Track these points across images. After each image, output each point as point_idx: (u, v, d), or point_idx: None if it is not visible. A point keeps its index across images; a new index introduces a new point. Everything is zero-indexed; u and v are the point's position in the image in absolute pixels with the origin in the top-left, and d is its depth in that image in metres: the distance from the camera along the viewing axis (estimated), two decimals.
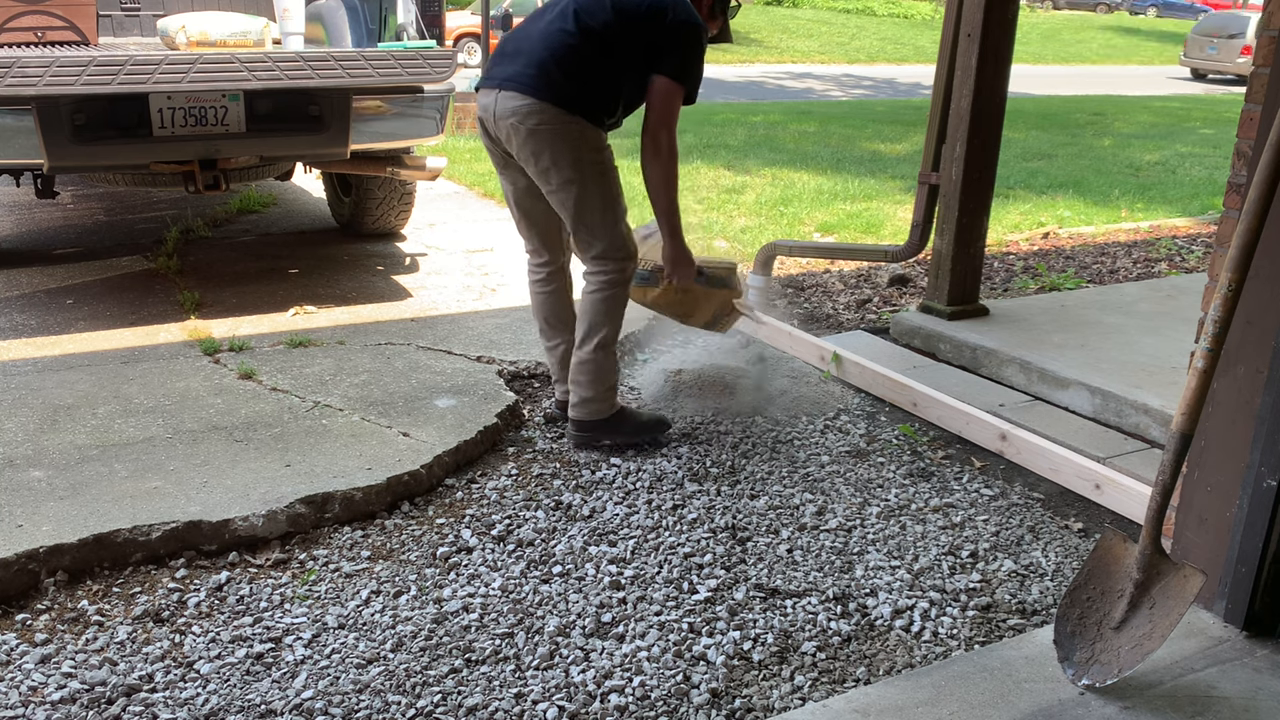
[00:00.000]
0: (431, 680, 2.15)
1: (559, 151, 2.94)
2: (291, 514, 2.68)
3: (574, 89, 2.91)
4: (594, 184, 2.99)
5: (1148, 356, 3.77)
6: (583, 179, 2.97)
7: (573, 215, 3.03)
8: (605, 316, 3.09)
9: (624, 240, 3.08)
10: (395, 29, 4.71)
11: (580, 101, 2.93)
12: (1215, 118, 13.76)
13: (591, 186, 2.99)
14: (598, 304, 3.08)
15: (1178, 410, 2.05)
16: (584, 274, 3.13)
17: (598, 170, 3.00)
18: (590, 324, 3.10)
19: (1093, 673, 2.07)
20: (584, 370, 3.12)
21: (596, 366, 3.11)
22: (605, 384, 3.14)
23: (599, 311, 3.09)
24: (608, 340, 3.11)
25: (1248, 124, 2.17)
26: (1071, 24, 34.62)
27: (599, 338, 3.09)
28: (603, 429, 3.17)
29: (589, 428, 3.17)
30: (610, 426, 3.18)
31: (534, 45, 2.96)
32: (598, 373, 3.11)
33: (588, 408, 3.15)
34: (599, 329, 3.09)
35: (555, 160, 2.95)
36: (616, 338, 3.15)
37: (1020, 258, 5.75)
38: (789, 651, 2.28)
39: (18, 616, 2.32)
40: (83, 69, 3.55)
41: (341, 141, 4.17)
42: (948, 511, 2.92)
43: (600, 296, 3.08)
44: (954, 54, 4.03)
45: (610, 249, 3.06)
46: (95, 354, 3.73)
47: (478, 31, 14.24)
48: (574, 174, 2.96)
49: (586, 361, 3.11)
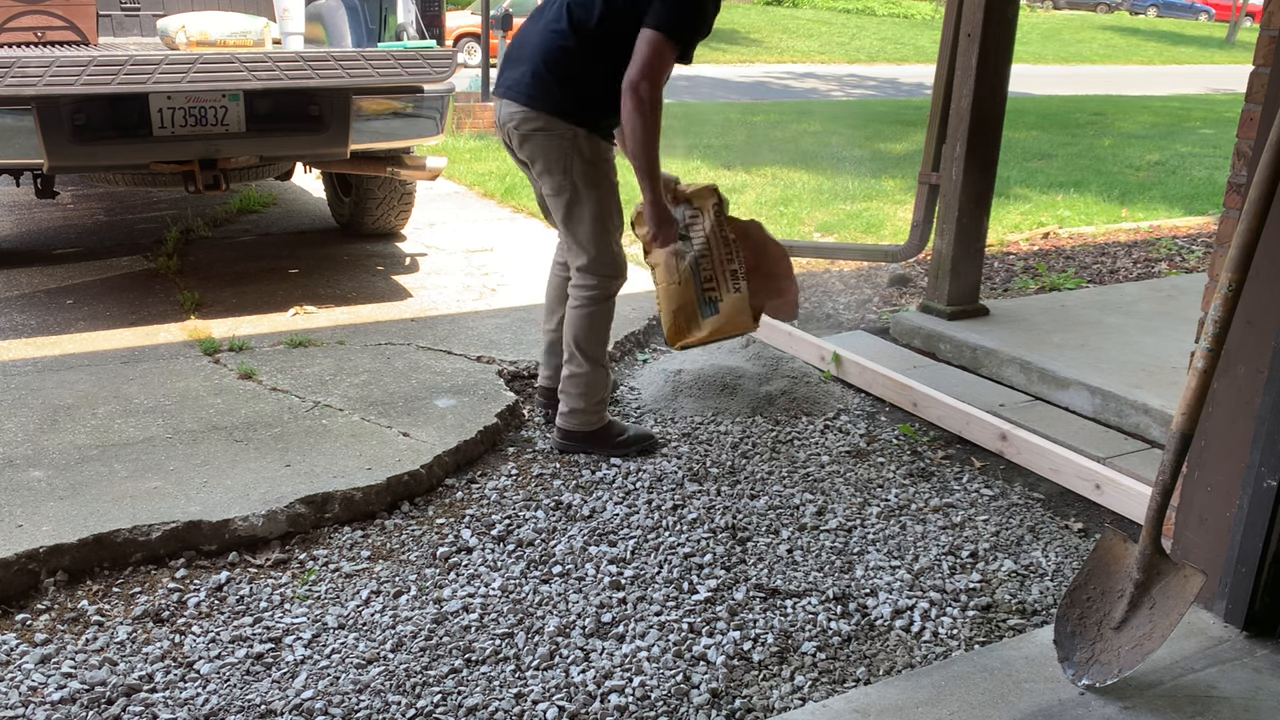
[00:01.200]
0: (431, 680, 2.15)
1: (551, 160, 2.93)
2: (291, 514, 2.68)
3: (567, 95, 2.88)
4: (585, 195, 2.96)
5: (1148, 356, 3.77)
6: (573, 189, 2.95)
7: (561, 223, 3.03)
8: (589, 332, 3.07)
9: (612, 257, 3.04)
10: (395, 29, 4.71)
11: (574, 108, 2.89)
12: (1215, 118, 13.76)
13: (582, 197, 2.96)
14: (581, 319, 3.07)
15: (1178, 410, 2.05)
16: (570, 285, 3.12)
17: (590, 181, 2.96)
18: (574, 337, 3.09)
19: (1093, 673, 2.07)
20: (573, 383, 3.12)
21: (585, 380, 3.10)
22: (594, 398, 3.13)
23: (582, 327, 3.07)
24: (593, 355, 3.09)
25: (1248, 124, 2.17)
26: (1071, 24, 34.62)
27: (585, 352, 3.08)
28: (589, 441, 3.17)
29: (576, 439, 3.18)
30: (596, 439, 3.17)
31: (531, 50, 2.94)
32: (586, 386, 3.11)
33: (575, 419, 3.15)
34: (583, 343, 3.08)
35: (548, 167, 2.94)
36: (604, 351, 3.13)
37: (1020, 258, 5.75)
38: (789, 651, 2.28)
39: (18, 616, 2.32)
40: (83, 69, 3.55)
41: (341, 141, 4.17)
42: (948, 511, 2.92)
43: (583, 312, 3.06)
44: (954, 54, 4.03)
45: (595, 264, 3.03)
46: (95, 354, 3.73)
47: (478, 31, 14.22)
48: (564, 182, 2.94)
49: (575, 375, 3.10)
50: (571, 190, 2.95)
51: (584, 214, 2.98)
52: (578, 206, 2.97)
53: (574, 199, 2.96)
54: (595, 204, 2.98)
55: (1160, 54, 29.10)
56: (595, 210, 2.98)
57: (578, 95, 2.89)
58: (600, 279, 3.04)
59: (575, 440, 3.18)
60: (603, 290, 3.06)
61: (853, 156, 9.16)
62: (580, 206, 2.97)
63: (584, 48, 2.87)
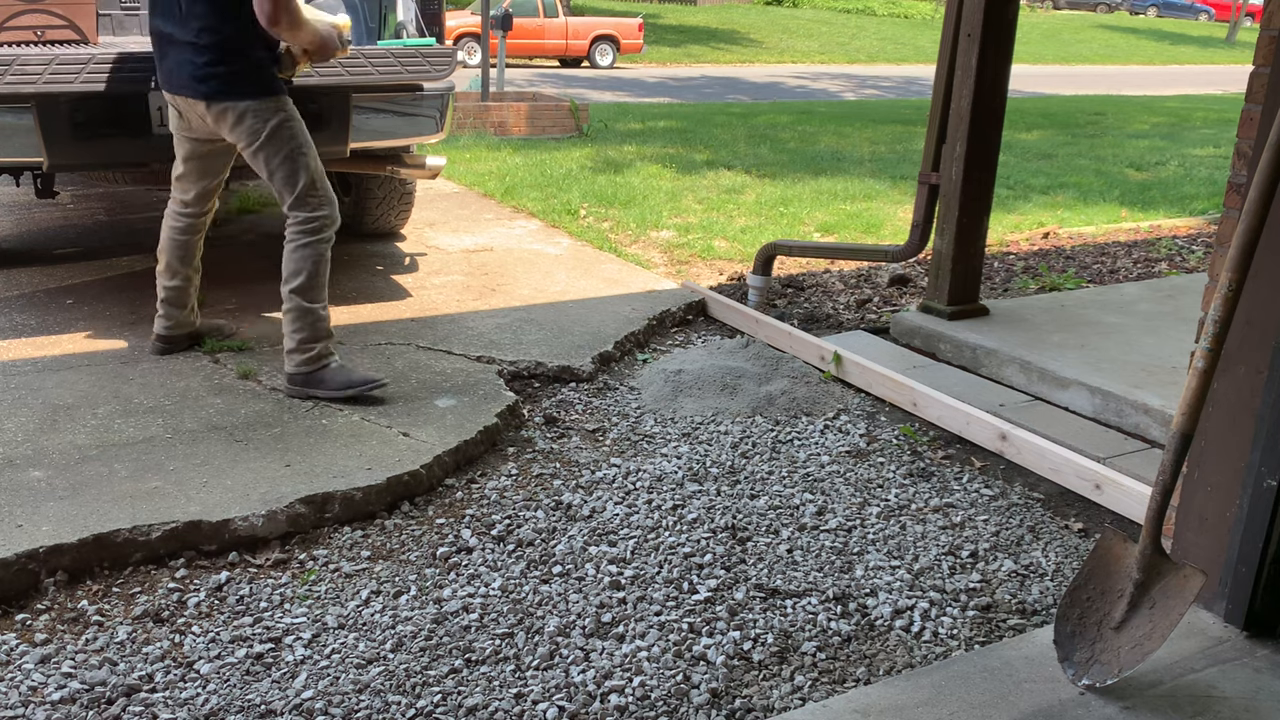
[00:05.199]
0: (431, 680, 2.15)
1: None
2: (291, 514, 2.68)
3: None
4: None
5: (1148, 356, 3.77)
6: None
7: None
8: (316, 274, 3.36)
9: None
10: (395, 27, 4.71)
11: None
12: (1216, 118, 13.77)
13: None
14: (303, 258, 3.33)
15: (1178, 410, 2.05)
16: (287, 225, 3.33)
17: None
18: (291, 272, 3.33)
19: (1093, 673, 2.07)
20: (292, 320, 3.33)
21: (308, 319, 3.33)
22: (316, 336, 3.35)
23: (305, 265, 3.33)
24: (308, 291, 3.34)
25: (1248, 124, 2.17)
26: (1071, 24, 34.63)
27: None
28: (308, 383, 3.36)
29: (298, 381, 3.37)
30: (315, 381, 3.36)
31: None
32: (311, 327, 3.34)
33: (297, 359, 3.35)
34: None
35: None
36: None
37: (1020, 258, 5.75)
38: (789, 651, 2.28)
39: (18, 616, 2.32)
40: (82, 67, 3.55)
41: (341, 140, 4.17)
42: (948, 511, 2.92)
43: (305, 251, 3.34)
44: (954, 54, 4.03)
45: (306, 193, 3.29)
46: (95, 354, 3.73)
47: (477, 31, 14.23)
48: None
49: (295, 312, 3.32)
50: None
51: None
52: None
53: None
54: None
55: (1160, 54, 29.13)
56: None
57: None
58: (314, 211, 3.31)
59: (297, 384, 3.37)
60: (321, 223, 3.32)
61: (852, 156, 9.16)
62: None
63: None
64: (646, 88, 16.56)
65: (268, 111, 3.21)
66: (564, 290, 4.71)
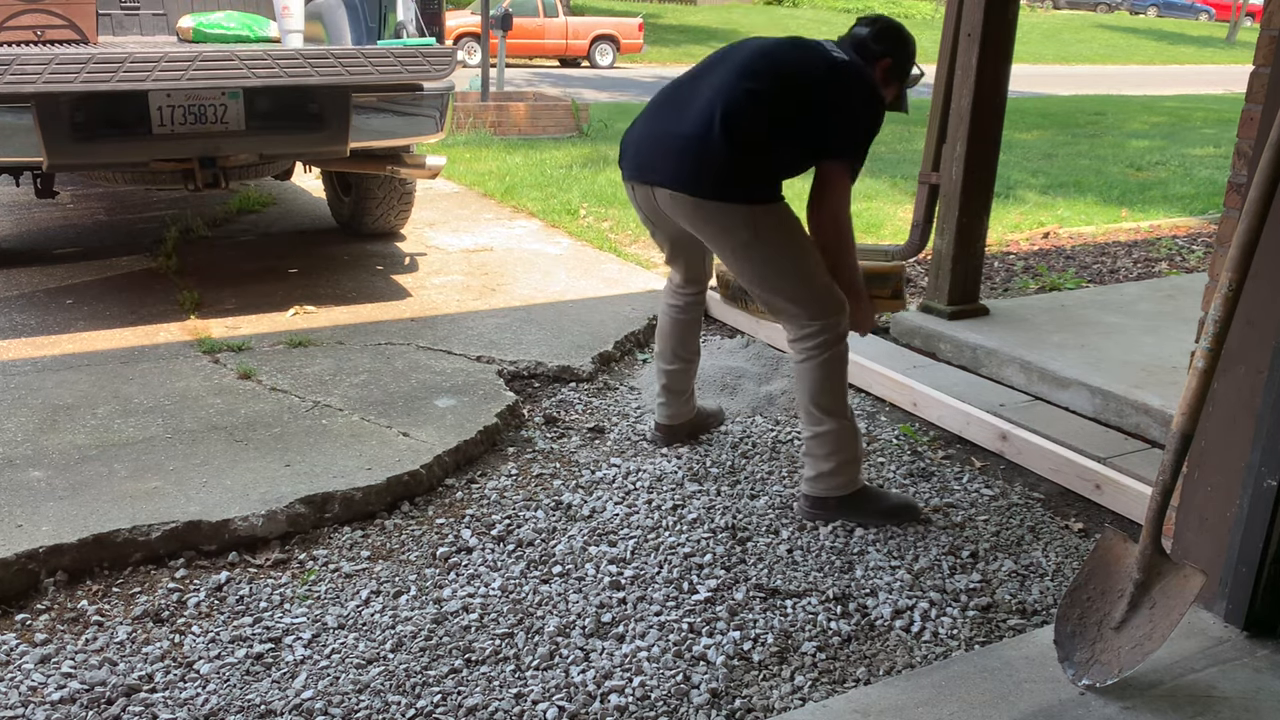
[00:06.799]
0: (431, 680, 2.15)
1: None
2: (291, 514, 2.68)
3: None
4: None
5: (1148, 356, 3.77)
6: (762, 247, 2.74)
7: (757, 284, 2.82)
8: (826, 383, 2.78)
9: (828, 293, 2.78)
10: (395, 26, 4.71)
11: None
12: (1216, 118, 13.76)
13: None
14: (814, 371, 2.78)
15: (1178, 410, 2.05)
16: (789, 341, 2.86)
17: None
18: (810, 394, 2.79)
19: (1093, 673, 2.07)
20: (818, 443, 2.80)
21: (831, 439, 2.79)
22: (844, 457, 2.80)
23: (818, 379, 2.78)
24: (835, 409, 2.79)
25: (1248, 124, 2.17)
26: (1071, 24, 34.63)
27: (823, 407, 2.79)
28: (842, 508, 2.82)
29: (827, 506, 2.82)
30: (851, 506, 2.82)
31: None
32: (835, 445, 2.79)
33: (823, 484, 2.81)
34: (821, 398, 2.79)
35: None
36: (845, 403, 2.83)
37: (1020, 257, 5.75)
38: (789, 652, 2.28)
39: (18, 616, 2.32)
40: (82, 66, 3.55)
41: (341, 139, 4.17)
42: (948, 511, 2.92)
43: (814, 363, 2.78)
44: (954, 54, 4.02)
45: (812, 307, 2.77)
46: (95, 354, 3.73)
47: (477, 31, 14.23)
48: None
49: (819, 435, 2.80)
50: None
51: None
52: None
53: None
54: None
55: (1160, 54, 29.11)
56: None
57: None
58: (823, 322, 2.75)
59: (826, 508, 2.82)
60: (831, 333, 2.75)
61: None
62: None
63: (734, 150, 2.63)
64: (646, 88, 16.55)
65: None
66: (564, 290, 4.71)
